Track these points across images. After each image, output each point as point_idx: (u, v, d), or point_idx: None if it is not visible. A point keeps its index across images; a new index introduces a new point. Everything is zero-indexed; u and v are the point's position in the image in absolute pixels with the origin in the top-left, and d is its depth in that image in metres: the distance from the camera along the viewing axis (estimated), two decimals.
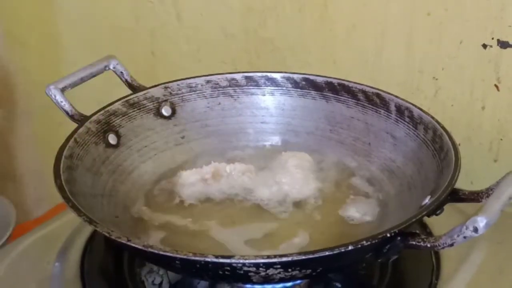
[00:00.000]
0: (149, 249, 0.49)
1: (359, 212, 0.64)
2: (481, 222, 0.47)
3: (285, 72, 0.76)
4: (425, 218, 0.54)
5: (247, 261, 0.48)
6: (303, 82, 0.75)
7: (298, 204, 0.66)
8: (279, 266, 0.49)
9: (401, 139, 0.68)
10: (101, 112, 0.69)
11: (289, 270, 0.50)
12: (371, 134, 0.71)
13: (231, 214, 0.65)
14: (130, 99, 0.72)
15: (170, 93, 0.74)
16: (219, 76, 0.76)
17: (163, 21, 1.00)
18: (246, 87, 0.76)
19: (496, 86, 0.77)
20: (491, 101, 0.78)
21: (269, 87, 0.76)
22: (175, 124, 0.75)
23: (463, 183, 0.57)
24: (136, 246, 0.50)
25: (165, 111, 0.74)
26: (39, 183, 1.25)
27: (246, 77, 0.76)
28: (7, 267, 0.67)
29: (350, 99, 0.73)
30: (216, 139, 0.75)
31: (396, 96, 0.70)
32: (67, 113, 0.69)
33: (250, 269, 0.48)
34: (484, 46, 0.75)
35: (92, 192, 0.62)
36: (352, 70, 0.86)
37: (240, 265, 0.48)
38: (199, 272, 0.52)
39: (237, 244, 0.60)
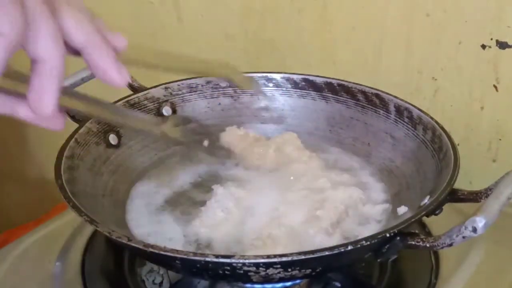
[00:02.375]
0: (150, 249, 0.50)
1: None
2: (480, 222, 0.47)
3: (285, 73, 0.76)
4: (424, 218, 0.54)
5: (247, 260, 0.48)
6: (303, 83, 0.75)
7: None
8: (279, 266, 0.49)
9: (400, 139, 0.68)
10: None
11: (289, 269, 0.50)
12: (371, 135, 0.71)
13: None
14: (131, 99, 0.72)
15: (171, 94, 0.75)
16: None
17: (164, 22, 1.00)
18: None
19: (495, 86, 0.77)
20: (490, 102, 0.78)
21: (269, 88, 0.76)
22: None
23: (462, 183, 0.57)
24: (137, 246, 0.50)
25: (166, 111, 0.74)
26: (40, 183, 1.26)
27: None
28: (8, 267, 0.67)
29: (349, 100, 0.73)
30: None
31: (395, 97, 0.70)
32: (68, 113, 0.69)
33: (250, 268, 0.49)
34: (483, 46, 0.76)
35: (93, 192, 0.62)
36: (352, 70, 0.86)
37: (240, 264, 0.48)
38: (199, 272, 0.53)
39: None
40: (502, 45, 0.74)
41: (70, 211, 0.54)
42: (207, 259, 0.48)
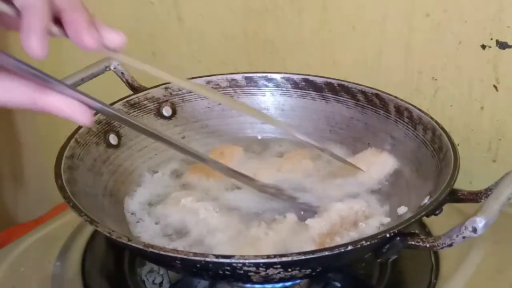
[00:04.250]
0: (150, 249, 0.50)
1: None
2: (480, 222, 0.47)
3: (285, 73, 0.76)
4: (424, 218, 0.54)
5: (247, 261, 0.48)
6: (303, 83, 0.75)
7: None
8: (279, 266, 0.49)
9: (400, 140, 0.68)
10: None
11: (289, 270, 0.50)
12: (371, 135, 0.71)
13: None
14: (131, 99, 0.72)
15: (171, 94, 0.75)
16: (219, 77, 0.76)
17: (164, 22, 1.00)
18: (246, 88, 0.77)
19: (495, 86, 0.77)
20: (490, 102, 0.78)
21: (269, 88, 0.76)
22: (176, 125, 0.75)
23: (462, 183, 0.57)
24: (137, 246, 0.50)
25: (166, 111, 0.74)
26: (40, 183, 1.26)
27: (246, 78, 0.77)
28: (8, 267, 0.67)
29: (349, 100, 0.73)
30: (216, 139, 0.75)
31: (395, 97, 0.70)
32: None
33: (250, 268, 0.49)
34: (483, 46, 0.76)
35: (93, 192, 0.62)
36: (352, 70, 0.86)
37: (240, 265, 0.48)
38: (200, 272, 0.53)
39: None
40: (502, 45, 0.74)
41: (70, 211, 0.54)
42: (207, 259, 0.48)
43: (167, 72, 0.53)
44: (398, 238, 0.51)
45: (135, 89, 0.74)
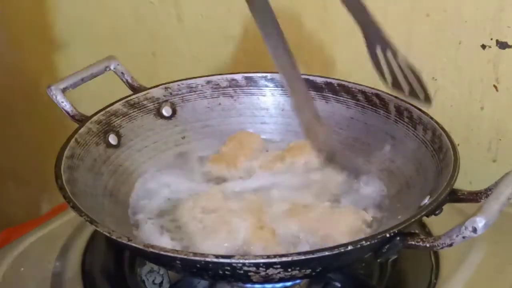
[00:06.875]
0: (150, 249, 0.50)
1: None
2: (480, 222, 0.47)
3: None
4: (424, 218, 0.54)
5: (247, 261, 0.48)
6: None
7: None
8: (279, 266, 0.49)
9: (401, 140, 0.68)
10: (102, 113, 0.69)
11: (289, 270, 0.50)
12: (371, 135, 0.71)
13: None
14: (131, 99, 0.72)
15: (171, 94, 0.75)
16: (219, 77, 0.76)
17: (164, 21, 1.00)
18: (246, 88, 0.77)
19: (495, 86, 0.77)
20: (490, 102, 0.78)
21: (269, 88, 0.76)
22: (176, 125, 0.75)
23: (462, 183, 0.57)
24: (137, 246, 0.50)
25: (166, 111, 0.74)
26: (40, 183, 1.26)
27: (246, 78, 0.77)
28: (8, 267, 0.67)
29: (349, 100, 0.73)
30: (216, 139, 0.75)
31: (396, 97, 0.70)
32: (68, 113, 0.69)
33: (250, 269, 0.49)
34: (483, 46, 0.76)
35: (93, 192, 0.62)
36: (352, 71, 0.86)
37: (240, 265, 0.48)
38: (200, 272, 0.53)
39: None
40: (502, 45, 0.74)
41: (70, 211, 0.54)
42: (207, 259, 0.48)
43: None
44: (398, 238, 0.51)
45: (135, 89, 0.74)
